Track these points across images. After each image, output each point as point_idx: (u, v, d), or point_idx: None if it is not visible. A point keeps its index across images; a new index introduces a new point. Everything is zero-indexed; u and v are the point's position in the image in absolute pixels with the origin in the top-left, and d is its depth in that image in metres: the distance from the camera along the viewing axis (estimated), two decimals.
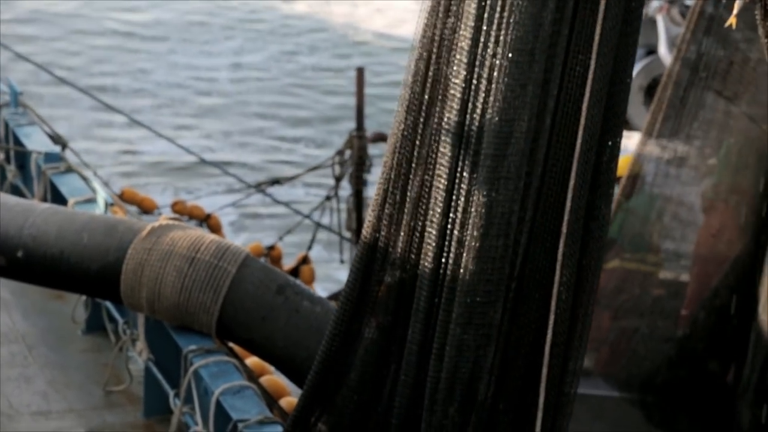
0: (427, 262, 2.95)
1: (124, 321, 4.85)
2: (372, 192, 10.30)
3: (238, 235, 13.21)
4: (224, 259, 4.12)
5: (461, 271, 2.89)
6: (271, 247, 10.13)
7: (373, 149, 10.40)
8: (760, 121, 5.34)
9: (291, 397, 4.57)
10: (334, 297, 9.63)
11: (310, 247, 10.30)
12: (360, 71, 10.26)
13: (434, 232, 2.94)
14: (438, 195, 2.93)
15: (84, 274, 4.26)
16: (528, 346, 2.94)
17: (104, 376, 4.86)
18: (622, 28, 2.81)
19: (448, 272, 2.91)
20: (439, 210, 2.93)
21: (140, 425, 4.62)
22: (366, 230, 3.14)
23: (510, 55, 2.80)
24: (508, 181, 2.84)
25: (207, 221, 9.38)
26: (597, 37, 2.76)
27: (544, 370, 2.77)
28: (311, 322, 4.08)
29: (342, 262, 10.38)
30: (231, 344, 4.25)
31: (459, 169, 2.89)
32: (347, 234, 10.56)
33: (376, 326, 3.11)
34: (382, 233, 3.09)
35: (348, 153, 10.24)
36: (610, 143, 2.87)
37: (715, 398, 5.59)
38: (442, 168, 2.93)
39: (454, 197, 2.91)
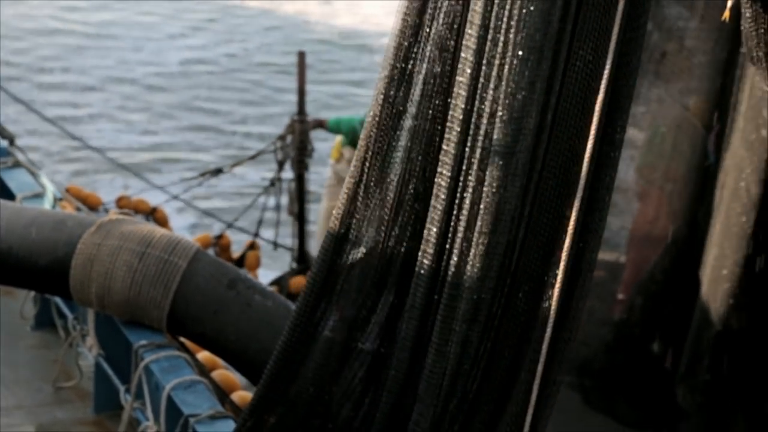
0: (426, 259, 2.95)
1: (73, 316, 4.82)
2: (314, 177, 10.26)
3: (187, 225, 13.15)
4: (175, 253, 4.10)
5: (468, 267, 2.89)
6: (220, 236, 10.12)
7: (314, 134, 10.39)
8: (693, 109, 5.41)
9: (243, 391, 4.56)
10: (275, 282, 9.66)
11: (256, 234, 10.28)
12: (301, 55, 10.24)
13: (435, 229, 2.94)
14: (441, 192, 2.93)
15: (32, 269, 4.22)
16: (516, 338, 2.96)
17: (54, 372, 4.81)
18: (630, 22, 2.83)
19: (451, 269, 2.91)
20: (440, 207, 2.93)
21: (90, 421, 4.59)
22: (335, 221, 3.15)
23: (520, 53, 2.81)
24: (515, 178, 2.85)
25: (153, 215, 9.33)
26: (615, 31, 2.79)
27: (540, 366, 2.83)
28: (263, 316, 4.08)
29: (275, 248, 10.34)
30: (182, 339, 4.24)
31: (465, 166, 2.90)
32: (290, 218, 10.51)
33: (339, 319, 3.12)
34: (353, 225, 3.10)
35: (290, 138, 10.21)
36: (617, 136, 2.89)
37: (654, 382, 5.66)
38: (445, 165, 2.93)
39: (458, 193, 2.91)
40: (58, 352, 4.88)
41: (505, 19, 2.83)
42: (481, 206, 2.88)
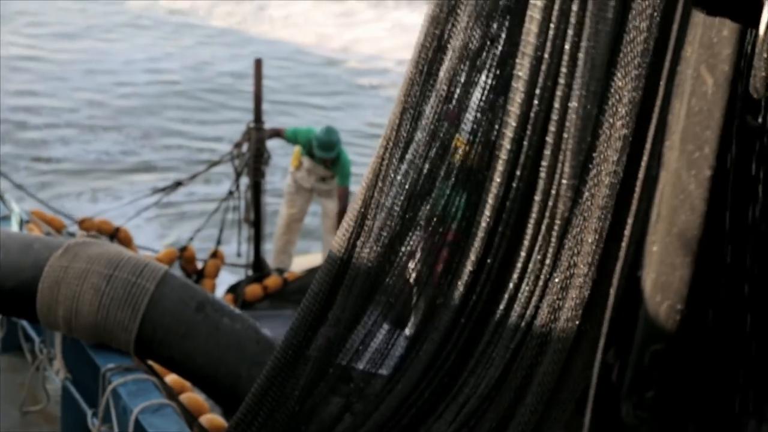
0: (456, 291, 3.12)
1: (40, 340, 4.78)
2: (270, 184, 10.22)
3: (153, 239, 13.13)
4: (142, 276, 4.09)
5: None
6: (184, 249, 10.10)
7: (270, 142, 10.38)
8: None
9: (211, 414, 4.55)
10: (231, 290, 9.63)
11: (218, 242, 10.26)
12: (258, 62, 10.23)
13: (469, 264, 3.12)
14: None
15: None
16: None
17: (21, 396, 4.78)
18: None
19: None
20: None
21: None
22: (338, 247, 3.21)
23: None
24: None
25: (116, 235, 9.30)
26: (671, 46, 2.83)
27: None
28: (231, 340, 4.08)
29: (238, 255, 10.32)
30: (151, 362, 4.22)
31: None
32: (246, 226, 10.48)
33: (326, 341, 3.19)
34: (355, 251, 3.18)
35: (246, 145, 10.19)
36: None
37: (600, 395, 5.70)
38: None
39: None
40: (25, 376, 4.85)
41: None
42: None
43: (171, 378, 4.56)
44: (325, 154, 10.23)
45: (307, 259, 10.44)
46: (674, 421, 5.59)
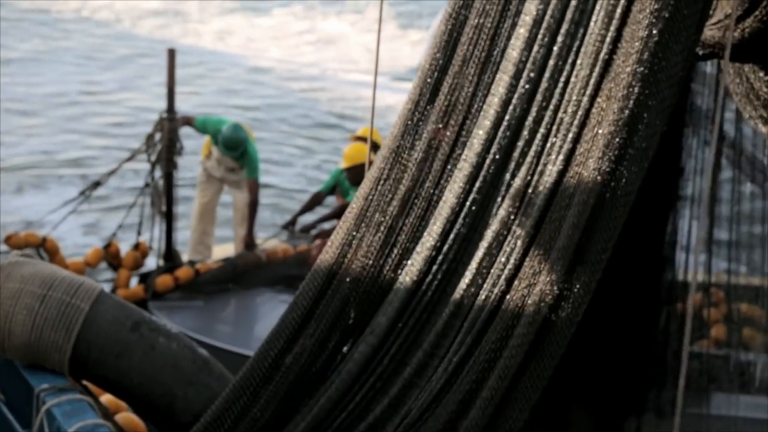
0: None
1: None
2: (184, 174, 10.19)
3: (83, 239, 13.00)
4: (77, 296, 4.06)
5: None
6: (108, 245, 10.01)
7: (183, 131, 10.34)
8: None
9: None
10: (142, 280, 9.58)
11: (139, 234, 10.18)
12: (171, 53, 10.16)
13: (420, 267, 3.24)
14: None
15: None
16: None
17: None
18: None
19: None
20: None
21: None
22: (326, 260, 3.27)
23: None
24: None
25: (44, 245, 9.19)
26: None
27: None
28: (167, 359, 4.08)
29: (150, 247, 10.27)
30: (86, 382, 4.20)
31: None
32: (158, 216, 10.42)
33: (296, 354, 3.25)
34: (344, 264, 3.24)
35: (158, 136, 10.12)
36: None
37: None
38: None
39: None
40: None
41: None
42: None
43: (106, 398, 4.54)
44: (228, 152, 10.23)
45: (226, 249, 10.42)
46: (559, 413, 5.75)
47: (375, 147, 10.04)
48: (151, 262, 10.09)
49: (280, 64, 22.67)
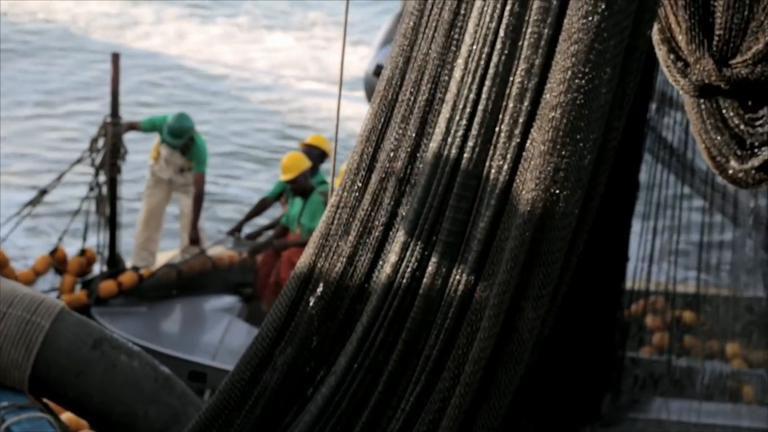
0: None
1: None
2: (128, 176, 10.07)
3: (32, 247, 12.87)
4: (37, 313, 4.05)
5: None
6: (54, 251, 9.93)
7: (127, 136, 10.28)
8: None
9: None
10: (85, 285, 9.51)
11: (84, 239, 10.10)
12: (115, 57, 10.11)
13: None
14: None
15: None
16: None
17: None
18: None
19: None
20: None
21: None
22: (302, 267, 3.31)
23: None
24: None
25: None
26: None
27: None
28: (128, 378, 4.09)
29: (98, 252, 10.21)
30: (46, 400, 4.19)
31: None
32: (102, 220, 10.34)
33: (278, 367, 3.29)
34: (315, 274, 3.26)
35: (102, 141, 10.05)
36: None
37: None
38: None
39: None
40: None
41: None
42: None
43: (67, 416, 4.53)
44: (173, 141, 10.18)
45: (170, 256, 10.35)
46: (515, 421, 5.83)
47: (323, 156, 10.06)
48: (99, 269, 10.02)
49: (234, 71, 22.62)
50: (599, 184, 3.17)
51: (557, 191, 3.03)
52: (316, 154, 9.89)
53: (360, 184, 3.41)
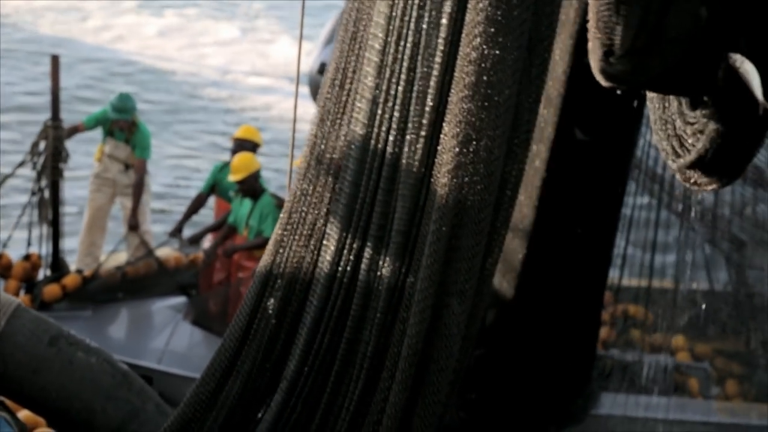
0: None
1: None
2: (69, 183, 10.01)
3: None
4: None
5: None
6: None
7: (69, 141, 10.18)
8: None
9: None
10: (28, 290, 9.40)
11: (29, 244, 9.99)
12: (54, 59, 10.01)
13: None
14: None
15: None
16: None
17: None
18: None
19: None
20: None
21: None
22: (261, 273, 3.30)
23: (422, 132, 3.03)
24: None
25: None
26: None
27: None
28: (85, 374, 4.05)
29: (40, 257, 10.10)
30: (2, 397, 4.14)
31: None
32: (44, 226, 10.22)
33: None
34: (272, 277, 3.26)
35: (43, 144, 9.95)
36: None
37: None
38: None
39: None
40: None
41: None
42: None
43: (24, 414, 4.47)
44: (120, 116, 10.12)
45: (118, 258, 10.26)
46: (492, 422, 5.87)
47: (255, 148, 10.06)
48: (43, 273, 9.90)
49: (183, 66, 22.47)
50: (513, 177, 3.19)
51: (470, 185, 3.04)
52: (249, 147, 9.88)
53: (307, 186, 3.40)
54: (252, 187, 9.26)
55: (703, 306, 7.39)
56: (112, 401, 4.05)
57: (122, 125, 10.21)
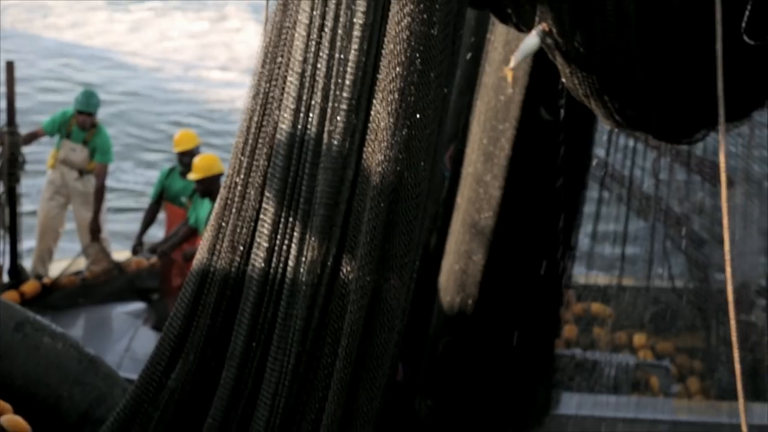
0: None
1: None
2: (26, 188, 9.78)
3: None
4: None
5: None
6: None
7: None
8: None
9: None
10: None
11: None
12: (10, 65, 9.90)
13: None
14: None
15: None
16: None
17: None
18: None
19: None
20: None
21: None
22: (198, 267, 3.26)
23: (342, 105, 3.01)
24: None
25: None
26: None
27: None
28: (52, 360, 4.02)
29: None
30: None
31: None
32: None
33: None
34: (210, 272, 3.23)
35: None
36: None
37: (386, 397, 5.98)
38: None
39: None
40: None
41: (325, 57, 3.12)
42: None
43: None
44: (85, 108, 10.00)
45: (75, 264, 10.13)
46: (456, 408, 5.88)
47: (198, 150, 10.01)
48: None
49: (146, 61, 22.29)
50: (440, 151, 3.25)
51: (406, 161, 3.09)
52: (194, 155, 9.77)
53: (245, 161, 3.38)
54: (209, 188, 9.18)
55: (664, 303, 7.45)
56: (79, 386, 4.02)
57: (84, 121, 10.08)
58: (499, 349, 5.59)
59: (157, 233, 10.87)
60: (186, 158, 9.63)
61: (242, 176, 3.34)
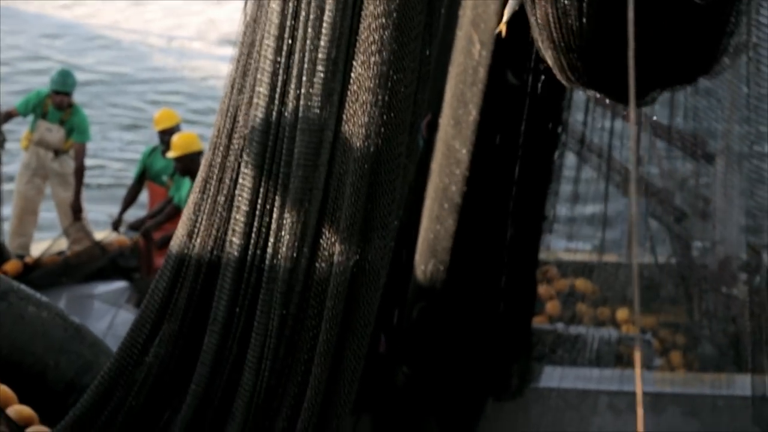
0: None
1: None
2: (7, 168, 9.74)
3: None
4: None
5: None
6: None
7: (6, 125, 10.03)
8: None
9: (19, 405, 4.41)
10: None
11: None
12: None
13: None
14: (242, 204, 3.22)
15: None
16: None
17: None
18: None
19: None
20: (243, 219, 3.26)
21: None
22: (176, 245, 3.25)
23: (319, 67, 3.00)
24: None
25: None
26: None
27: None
28: (37, 328, 4.02)
29: None
30: None
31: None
32: None
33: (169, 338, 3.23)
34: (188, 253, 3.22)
35: None
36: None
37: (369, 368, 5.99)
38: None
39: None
40: None
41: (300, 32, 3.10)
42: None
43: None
44: (62, 88, 9.93)
45: (57, 244, 10.10)
46: (433, 375, 5.87)
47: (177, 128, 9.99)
48: None
49: (128, 35, 22.14)
50: (420, 112, 3.28)
51: (388, 122, 3.12)
52: (174, 132, 9.76)
53: (222, 140, 3.39)
54: (188, 166, 9.15)
55: (646, 278, 7.48)
56: (65, 355, 4.02)
57: (61, 101, 10.02)
58: (473, 317, 5.58)
59: (137, 213, 10.84)
60: (167, 137, 9.62)
61: (223, 139, 3.34)
